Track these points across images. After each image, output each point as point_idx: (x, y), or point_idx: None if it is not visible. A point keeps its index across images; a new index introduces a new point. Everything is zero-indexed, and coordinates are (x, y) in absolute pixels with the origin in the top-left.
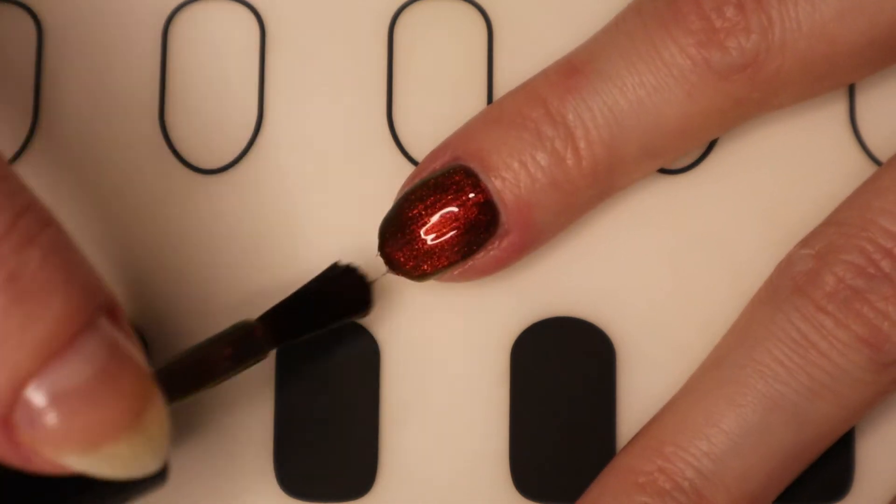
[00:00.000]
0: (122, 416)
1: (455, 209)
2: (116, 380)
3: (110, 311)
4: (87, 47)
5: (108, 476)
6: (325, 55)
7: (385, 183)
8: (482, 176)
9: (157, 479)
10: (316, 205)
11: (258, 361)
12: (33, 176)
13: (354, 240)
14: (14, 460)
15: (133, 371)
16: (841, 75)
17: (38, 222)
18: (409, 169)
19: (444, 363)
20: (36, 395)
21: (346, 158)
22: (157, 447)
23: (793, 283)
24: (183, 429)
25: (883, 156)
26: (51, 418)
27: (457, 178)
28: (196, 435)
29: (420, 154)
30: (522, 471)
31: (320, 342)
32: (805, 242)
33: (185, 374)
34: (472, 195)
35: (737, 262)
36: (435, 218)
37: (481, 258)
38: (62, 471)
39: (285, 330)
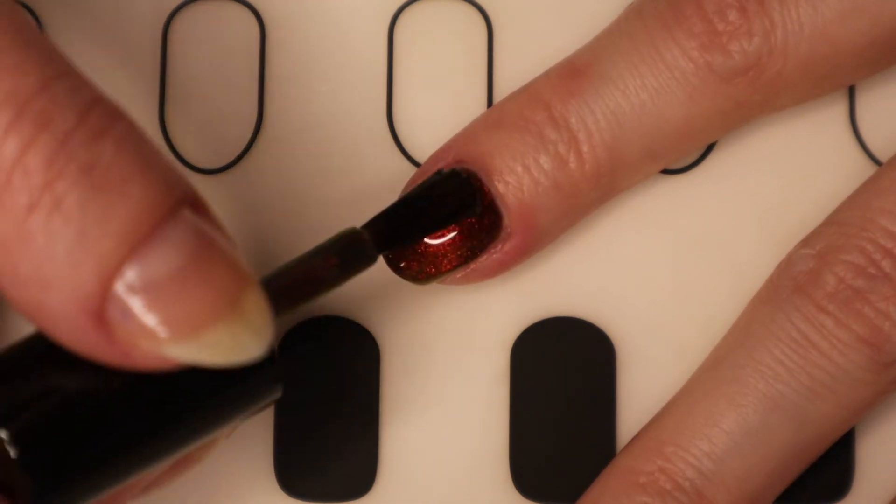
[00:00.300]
0: (219, 302)
1: None
2: (208, 266)
3: (194, 203)
4: (87, 47)
5: (210, 363)
6: (325, 55)
7: (385, 183)
8: (485, 179)
9: (272, 387)
10: (316, 205)
11: (364, 269)
12: None
13: None
14: (115, 357)
15: (225, 258)
16: (842, 76)
17: (108, 116)
18: (410, 169)
19: (444, 363)
20: (125, 287)
21: (346, 158)
22: (259, 332)
23: (793, 283)
24: None
25: (883, 156)
26: (145, 308)
27: None
28: None
29: (420, 154)
30: (522, 471)
31: (320, 342)
32: (805, 242)
33: (291, 285)
34: None
35: (737, 263)
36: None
37: (484, 261)
38: (163, 364)
39: (392, 235)
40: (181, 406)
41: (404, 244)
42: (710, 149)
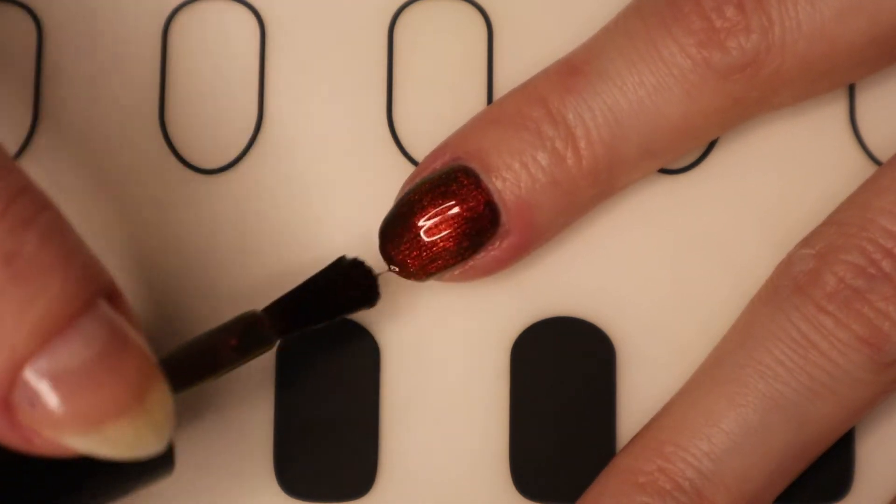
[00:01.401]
0: (124, 397)
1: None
2: (117, 361)
3: (110, 295)
4: (87, 47)
5: (110, 457)
6: (325, 55)
7: (385, 183)
8: (483, 176)
9: (164, 466)
10: (316, 205)
11: (263, 352)
12: (33, 176)
13: (354, 240)
14: (16, 442)
15: (134, 353)
16: (841, 75)
17: (34, 205)
18: (409, 169)
19: (444, 363)
20: (35, 376)
21: (346, 158)
22: (160, 428)
23: (793, 283)
24: (183, 429)
25: (883, 156)
26: (50, 399)
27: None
28: (196, 435)
29: (420, 154)
30: (522, 471)
31: (320, 342)
32: (805, 242)
33: (189, 364)
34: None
35: (737, 262)
36: (436, 218)
37: (482, 258)
38: (64, 452)
39: (290, 321)
40: (71, 484)
41: (302, 329)
42: (710, 148)
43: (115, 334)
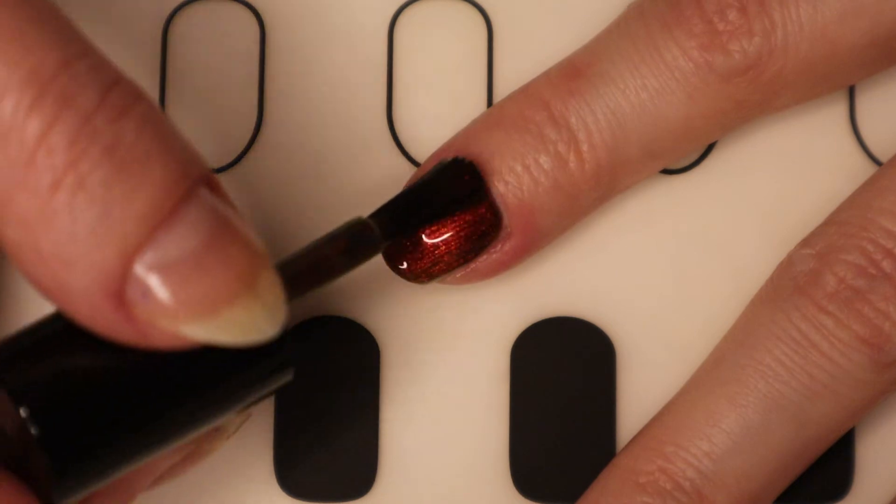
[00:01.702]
0: (235, 282)
1: None
2: (224, 246)
3: (209, 183)
4: None
5: (228, 343)
6: (325, 55)
7: (385, 183)
8: (485, 179)
9: (284, 370)
10: (316, 205)
11: (371, 257)
12: None
13: None
14: (132, 337)
15: (240, 238)
16: (842, 76)
17: (129, 95)
18: (410, 169)
19: (444, 363)
20: (145, 267)
21: (346, 158)
22: (273, 311)
23: (794, 283)
24: None
25: (883, 156)
26: (164, 288)
27: None
28: None
29: (420, 154)
30: (522, 471)
31: (320, 342)
32: (806, 242)
33: (302, 272)
34: None
35: (737, 263)
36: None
37: (484, 261)
38: (179, 343)
39: (398, 224)
40: (194, 385)
41: (410, 232)
42: (710, 149)
43: (219, 220)
